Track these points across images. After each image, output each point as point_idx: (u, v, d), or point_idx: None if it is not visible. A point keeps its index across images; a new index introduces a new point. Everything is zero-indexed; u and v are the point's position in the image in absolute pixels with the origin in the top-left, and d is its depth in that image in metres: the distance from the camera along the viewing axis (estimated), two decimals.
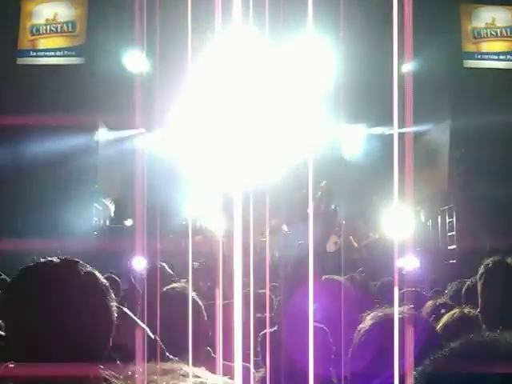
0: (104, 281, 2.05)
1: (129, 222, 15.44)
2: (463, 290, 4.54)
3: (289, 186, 13.85)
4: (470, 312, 3.72)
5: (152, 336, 2.48)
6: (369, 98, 13.90)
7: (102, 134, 15.06)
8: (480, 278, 3.30)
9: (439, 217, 15.20)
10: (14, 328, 1.92)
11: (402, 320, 2.17)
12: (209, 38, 12.60)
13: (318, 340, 2.41)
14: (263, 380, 2.91)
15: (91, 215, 14.31)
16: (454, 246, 14.19)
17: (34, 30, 13.75)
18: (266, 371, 2.94)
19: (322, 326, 2.93)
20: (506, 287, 3.14)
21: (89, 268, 2.04)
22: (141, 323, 2.29)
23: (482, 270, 3.30)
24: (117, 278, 7.13)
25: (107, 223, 15.66)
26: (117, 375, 1.72)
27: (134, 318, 2.43)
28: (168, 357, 2.80)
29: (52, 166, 12.52)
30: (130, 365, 1.79)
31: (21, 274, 1.99)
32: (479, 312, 3.31)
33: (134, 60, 13.93)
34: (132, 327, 2.38)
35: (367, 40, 13.75)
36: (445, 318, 3.77)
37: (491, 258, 3.31)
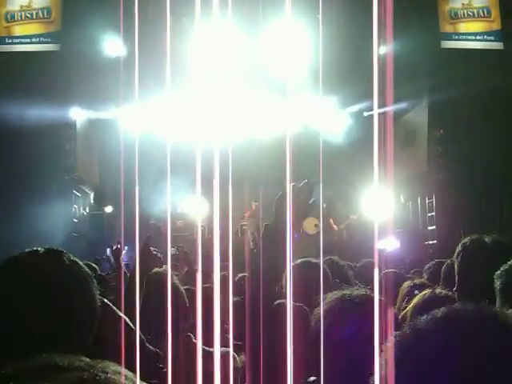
0: (88, 270, 2.05)
1: (109, 209, 15.40)
2: (442, 269, 4.56)
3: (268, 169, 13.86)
4: (441, 292, 3.73)
5: (132, 326, 2.47)
6: (348, 78, 13.89)
7: (80, 121, 14.97)
8: (457, 257, 3.30)
9: (419, 198, 15.28)
10: None
11: (356, 301, 2.18)
12: (188, 20, 12.52)
13: (297, 319, 2.41)
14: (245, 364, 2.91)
15: (71, 202, 14.24)
16: (434, 227, 14.27)
17: (9, 17, 13.57)
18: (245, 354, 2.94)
19: (301, 304, 2.93)
20: (483, 265, 3.14)
21: (72, 258, 2.04)
22: (120, 313, 2.28)
23: (459, 248, 3.31)
24: (94, 265, 7.20)
25: (87, 210, 15.61)
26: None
27: (114, 308, 2.42)
28: (148, 347, 2.79)
29: (30, 153, 12.42)
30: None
31: (5, 264, 1.98)
32: (455, 290, 3.31)
33: (111, 45, 13.83)
34: (112, 317, 2.37)
35: (346, 21, 13.73)
36: (415, 299, 3.79)
37: (468, 237, 3.31)
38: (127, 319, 2.45)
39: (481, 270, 3.13)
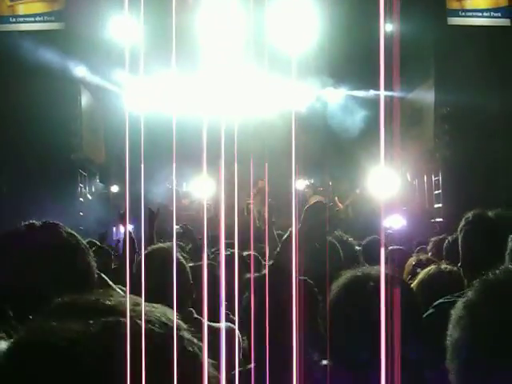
0: (84, 242, 2.10)
1: (114, 188, 15.42)
2: (444, 245, 4.56)
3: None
4: (446, 268, 3.74)
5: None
6: (354, 57, 13.84)
7: (86, 100, 14.95)
8: (460, 232, 3.30)
9: (425, 176, 15.25)
10: None
11: (378, 279, 2.18)
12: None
13: (303, 291, 2.42)
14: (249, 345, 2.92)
15: (77, 182, 14.26)
16: (440, 205, 14.26)
17: None
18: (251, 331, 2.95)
19: (305, 278, 2.94)
20: (486, 240, 3.14)
21: (69, 230, 2.08)
22: (116, 287, 2.29)
23: (462, 223, 3.30)
24: (97, 242, 7.34)
25: (93, 190, 15.62)
26: None
27: (110, 282, 2.43)
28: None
29: (36, 133, 12.43)
30: None
31: (2, 237, 2.01)
32: (460, 266, 3.31)
33: (116, 23, 13.77)
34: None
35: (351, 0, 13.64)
36: (420, 275, 3.79)
37: (471, 212, 3.31)
38: (120, 291, 2.47)
39: (484, 244, 3.13)
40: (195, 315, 3.26)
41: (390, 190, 12.53)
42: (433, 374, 2.08)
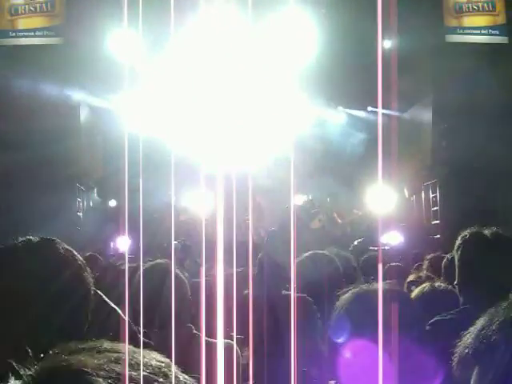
0: (80, 258, 2.10)
1: (112, 203, 15.41)
2: (443, 263, 4.56)
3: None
4: (440, 285, 3.74)
5: (123, 317, 2.49)
6: (351, 74, 13.89)
7: (84, 114, 14.97)
8: (457, 250, 3.31)
9: (423, 192, 15.27)
10: None
11: (385, 294, 2.17)
12: (192, 14, 12.48)
13: (302, 309, 2.42)
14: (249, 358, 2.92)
15: (75, 196, 14.25)
16: (438, 221, 14.26)
17: (13, 11, 13.59)
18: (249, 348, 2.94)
19: (304, 295, 2.94)
20: (483, 258, 3.15)
21: (65, 245, 2.08)
22: (112, 304, 2.30)
23: (459, 241, 3.31)
24: (98, 256, 7.23)
25: (91, 204, 15.61)
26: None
27: (106, 298, 2.44)
28: (139, 338, 2.80)
29: (34, 147, 12.43)
30: None
31: None
32: (456, 284, 3.32)
33: (116, 38, 13.81)
34: (103, 308, 2.41)
35: (350, 16, 13.70)
36: (415, 292, 3.80)
37: (468, 230, 3.31)
38: (119, 310, 2.47)
39: (480, 262, 3.13)
40: (194, 331, 3.26)
41: (388, 206, 12.53)
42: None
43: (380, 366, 1.13)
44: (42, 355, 0.99)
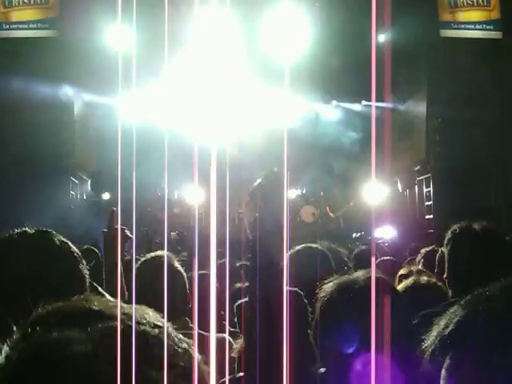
0: (76, 249, 2.10)
1: (106, 196, 15.38)
2: (436, 257, 4.57)
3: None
4: (424, 279, 3.75)
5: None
6: (345, 68, 13.89)
7: (78, 107, 14.93)
8: (447, 244, 3.31)
9: (416, 186, 15.29)
10: None
11: (368, 283, 2.18)
12: (186, 8, 12.45)
13: (293, 303, 2.42)
14: (242, 350, 2.92)
15: (68, 189, 14.22)
16: (431, 216, 14.28)
17: (7, 3, 13.51)
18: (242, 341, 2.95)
19: (295, 289, 2.94)
20: (472, 252, 3.16)
21: (61, 237, 2.08)
22: (109, 296, 2.30)
23: (448, 235, 3.31)
24: (95, 249, 7.21)
25: (84, 197, 15.59)
26: None
27: (102, 290, 2.44)
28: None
29: (28, 140, 12.41)
30: None
31: None
32: (446, 278, 3.33)
33: (110, 31, 13.77)
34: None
35: (344, 10, 13.69)
36: (401, 285, 3.81)
37: (458, 224, 3.32)
38: (112, 299, 2.47)
39: (470, 256, 3.15)
40: (190, 324, 3.26)
41: (381, 200, 12.55)
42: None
43: (373, 359, 1.14)
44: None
